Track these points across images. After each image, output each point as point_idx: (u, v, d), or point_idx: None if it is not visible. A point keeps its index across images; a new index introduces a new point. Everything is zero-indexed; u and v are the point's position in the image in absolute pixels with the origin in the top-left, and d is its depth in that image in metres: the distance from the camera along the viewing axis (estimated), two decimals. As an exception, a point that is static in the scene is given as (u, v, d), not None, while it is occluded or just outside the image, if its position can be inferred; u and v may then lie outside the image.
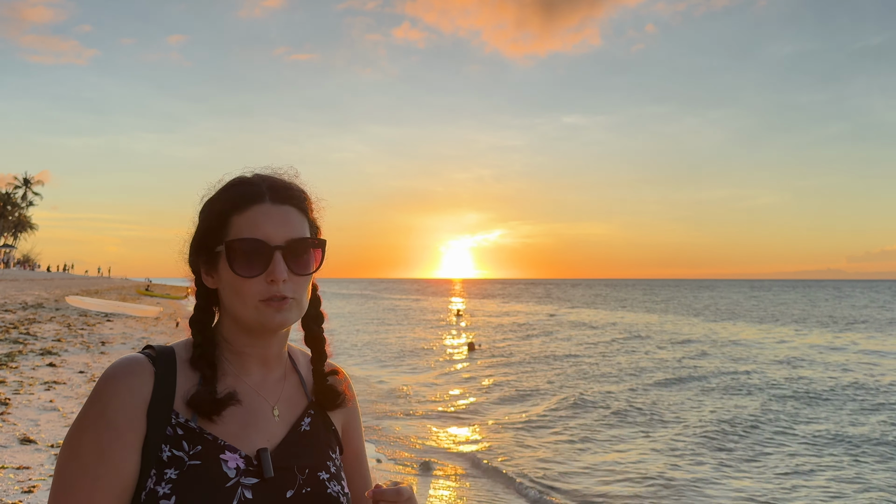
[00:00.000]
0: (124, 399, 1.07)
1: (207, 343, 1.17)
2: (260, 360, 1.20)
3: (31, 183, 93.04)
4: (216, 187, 1.20)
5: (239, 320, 1.15)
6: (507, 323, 39.86)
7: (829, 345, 26.97)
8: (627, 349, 24.79)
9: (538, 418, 12.43)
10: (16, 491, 5.43)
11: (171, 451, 1.07)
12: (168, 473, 1.05)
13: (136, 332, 20.13)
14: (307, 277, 1.16)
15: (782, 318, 45.24)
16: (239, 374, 1.18)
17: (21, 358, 12.44)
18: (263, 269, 1.11)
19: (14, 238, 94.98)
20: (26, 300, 29.26)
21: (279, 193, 1.16)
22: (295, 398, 1.24)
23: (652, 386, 16.31)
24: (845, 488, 8.53)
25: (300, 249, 1.14)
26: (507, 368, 19.56)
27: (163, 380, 1.11)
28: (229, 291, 1.14)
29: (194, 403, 1.10)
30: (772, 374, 18.38)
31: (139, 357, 1.13)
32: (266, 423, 1.16)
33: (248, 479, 1.08)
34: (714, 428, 11.61)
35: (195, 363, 1.15)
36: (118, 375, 1.09)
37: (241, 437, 1.12)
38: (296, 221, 1.16)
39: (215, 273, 1.17)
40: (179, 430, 1.09)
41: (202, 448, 1.08)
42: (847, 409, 13.76)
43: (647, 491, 8.18)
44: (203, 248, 1.18)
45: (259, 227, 1.12)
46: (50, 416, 8.11)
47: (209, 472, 1.06)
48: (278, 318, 1.12)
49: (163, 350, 1.17)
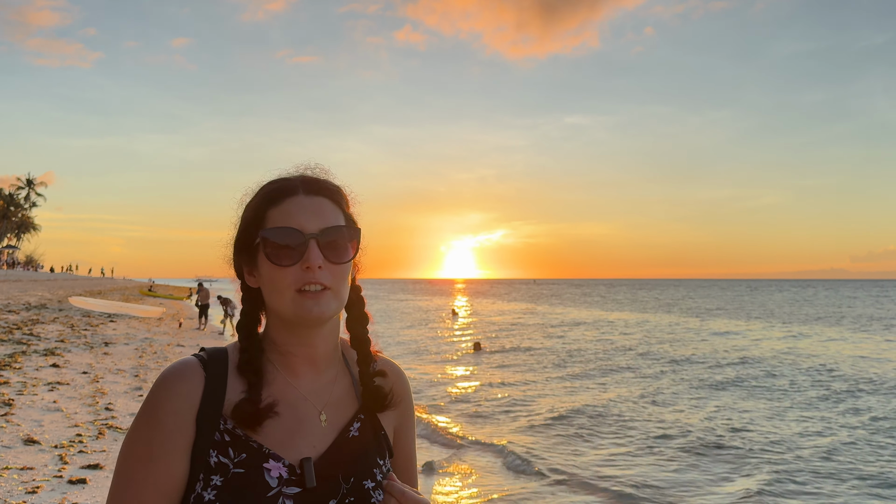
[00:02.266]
0: (175, 403, 1.09)
1: (253, 348, 1.17)
2: (308, 361, 1.19)
3: (34, 184, 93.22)
4: (253, 189, 1.22)
5: (279, 315, 1.15)
6: (511, 322, 39.81)
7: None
8: (631, 349, 24.77)
9: (543, 417, 12.42)
10: (20, 491, 5.43)
11: (218, 457, 1.08)
12: (214, 480, 1.06)
13: (140, 332, 20.12)
14: (344, 267, 1.15)
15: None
16: (287, 378, 1.18)
17: (25, 358, 12.45)
18: (299, 258, 1.11)
19: (17, 239, 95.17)
20: (30, 301, 29.31)
21: (312, 186, 1.18)
22: (345, 402, 1.22)
23: (670, 385, 16.29)
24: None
25: (335, 238, 1.14)
26: (512, 367, 19.54)
27: (213, 385, 1.12)
28: (268, 285, 1.14)
29: (236, 414, 1.10)
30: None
31: (191, 361, 1.14)
32: (313, 429, 1.15)
33: (289, 488, 1.08)
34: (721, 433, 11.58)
35: (242, 369, 1.15)
36: (170, 380, 1.11)
37: (286, 444, 1.12)
38: (329, 212, 1.16)
39: (256, 270, 1.17)
40: (227, 437, 1.09)
41: (247, 456, 1.08)
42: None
43: (650, 489, 8.17)
44: (243, 245, 1.19)
45: (293, 217, 1.13)
46: (53, 417, 8.11)
47: (252, 480, 1.06)
48: (316, 310, 1.11)
49: (214, 353, 1.18)
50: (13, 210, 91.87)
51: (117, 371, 12.33)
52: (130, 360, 14.04)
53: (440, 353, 23.38)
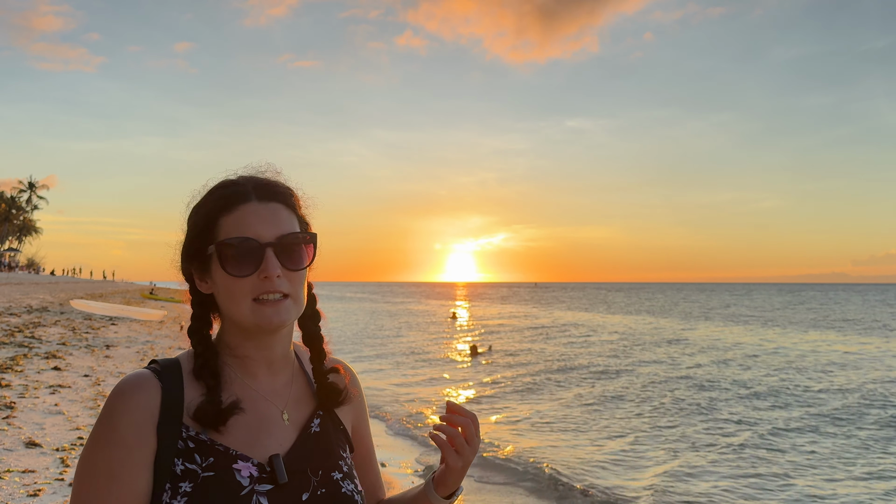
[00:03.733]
0: (133, 416, 1.08)
1: (208, 352, 1.16)
2: (265, 364, 1.19)
3: (35, 187, 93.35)
4: (201, 192, 1.20)
5: (237, 323, 1.14)
6: (510, 326, 39.80)
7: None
8: (630, 352, 24.74)
9: (543, 419, 12.42)
10: (21, 494, 5.44)
11: (184, 464, 1.07)
12: (183, 487, 1.06)
13: (141, 335, 20.14)
14: (301, 273, 1.15)
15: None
16: (245, 380, 1.17)
17: (26, 361, 12.47)
18: (256, 268, 1.10)
19: (19, 242, 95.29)
20: (31, 304, 29.33)
21: (265, 191, 1.16)
22: (303, 400, 1.23)
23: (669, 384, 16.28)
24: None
25: (291, 245, 1.14)
26: (510, 371, 19.54)
27: (170, 394, 1.11)
28: (224, 294, 1.13)
29: (198, 416, 1.10)
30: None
31: (145, 373, 1.13)
32: (276, 428, 1.16)
33: (262, 486, 1.09)
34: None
35: (198, 374, 1.14)
36: (126, 392, 1.10)
37: (252, 444, 1.12)
38: (284, 218, 1.15)
39: (209, 277, 1.16)
40: (191, 444, 1.09)
41: (214, 459, 1.08)
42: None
43: (657, 489, 8.17)
44: (194, 253, 1.17)
45: (248, 226, 1.12)
46: (55, 420, 8.12)
47: (223, 482, 1.06)
48: (276, 319, 1.11)
49: (167, 363, 1.17)
50: (15, 213, 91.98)
51: (119, 374, 12.34)
52: (132, 362, 14.05)
53: (438, 357, 23.37)
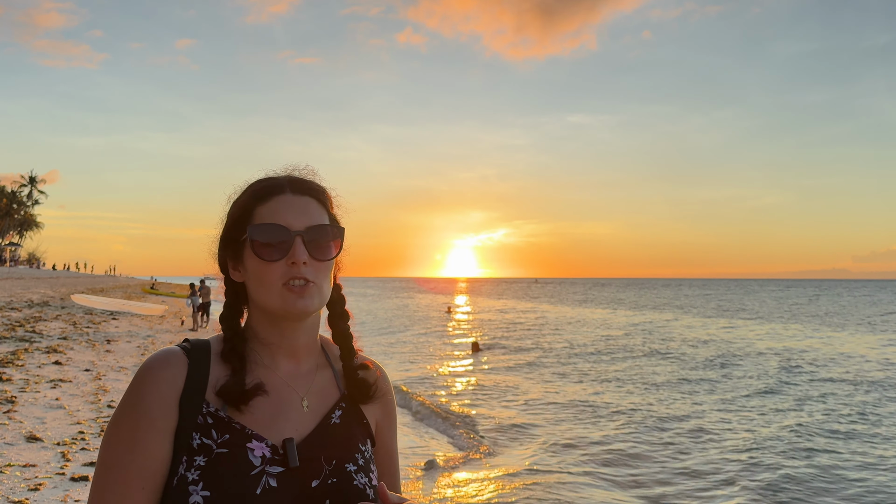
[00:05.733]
0: (159, 389, 1.13)
1: (237, 337, 1.22)
2: (289, 352, 1.23)
3: (36, 181, 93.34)
4: (242, 187, 1.26)
5: (265, 309, 1.19)
6: (510, 321, 39.81)
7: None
8: (631, 347, 24.76)
9: (543, 415, 12.43)
10: (22, 489, 5.45)
11: (201, 439, 1.12)
12: (197, 460, 1.10)
13: (142, 330, 20.16)
14: (327, 264, 1.20)
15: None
16: (269, 366, 1.22)
17: (27, 356, 12.48)
18: (285, 254, 1.16)
19: (20, 236, 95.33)
20: (32, 298, 29.37)
21: (299, 185, 1.23)
22: (326, 391, 1.26)
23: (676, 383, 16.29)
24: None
25: (320, 236, 1.19)
26: (511, 367, 19.55)
27: (196, 371, 1.16)
28: (254, 280, 1.18)
29: (223, 393, 1.14)
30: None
31: (175, 349, 1.19)
32: (295, 413, 1.19)
33: (273, 467, 1.11)
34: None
35: (226, 356, 1.20)
36: (154, 367, 1.15)
37: (269, 427, 1.16)
38: (315, 211, 1.22)
39: (241, 265, 1.22)
40: (209, 419, 1.13)
41: (230, 437, 1.12)
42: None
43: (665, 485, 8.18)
44: (229, 240, 1.23)
45: (280, 215, 1.18)
46: (56, 414, 8.13)
47: (235, 459, 1.10)
48: (300, 304, 1.16)
49: (197, 343, 1.22)
50: (16, 207, 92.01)
51: (119, 368, 12.36)
52: (133, 357, 14.07)
53: (437, 353, 23.39)
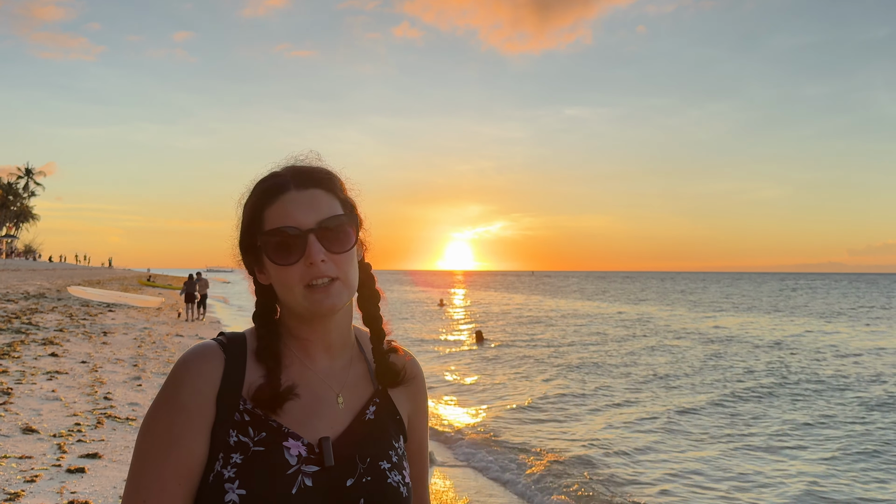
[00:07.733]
0: (196, 384, 1.12)
1: (270, 335, 1.20)
2: (323, 347, 1.21)
3: (33, 173, 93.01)
4: (249, 187, 1.23)
5: (292, 310, 1.18)
6: (508, 313, 39.85)
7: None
8: (626, 339, 24.82)
9: (543, 408, 12.46)
10: (18, 480, 5.44)
11: (237, 436, 1.11)
12: (234, 458, 1.09)
13: (138, 322, 20.10)
14: (347, 255, 1.17)
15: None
16: (304, 362, 1.20)
17: (23, 348, 12.46)
18: (301, 255, 1.13)
19: (16, 228, 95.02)
20: (28, 290, 29.31)
21: (303, 179, 1.19)
22: (361, 385, 1.25)
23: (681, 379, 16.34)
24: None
25: (334, 229, 1.16)
26: (515, 359, 19.58)
27: (232, 367, 1.15)
28: (277, 283, 1.16)
29: (256, 397, 1.13)
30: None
31: (211, 344, 1.17)
32: (330, 410, 1.18)
33: (308, 466, 1.11)
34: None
35: (260, 355, 1.18)
36: (191, 362, 1.14)
37: (305, 424, 1.15)
38: (324, 203, 1.17)
39: (264, 269, 1.19)
40: (246, 417, 1.12)
41: (266, 435, 1.11)
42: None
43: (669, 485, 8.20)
44: (247, 247, 1.21)
45: (289, 215, 1.14)
46: (52, 406, 8.12)
47: (271, 458, 1.09)
48: (327, 303, 1.13)
49: (234, 337, 1.21)
50: (12, 199, 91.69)
51: (116, 360, 12.34)
52: (129, 349, 14.06)
53: (437, 344, 23.42)
